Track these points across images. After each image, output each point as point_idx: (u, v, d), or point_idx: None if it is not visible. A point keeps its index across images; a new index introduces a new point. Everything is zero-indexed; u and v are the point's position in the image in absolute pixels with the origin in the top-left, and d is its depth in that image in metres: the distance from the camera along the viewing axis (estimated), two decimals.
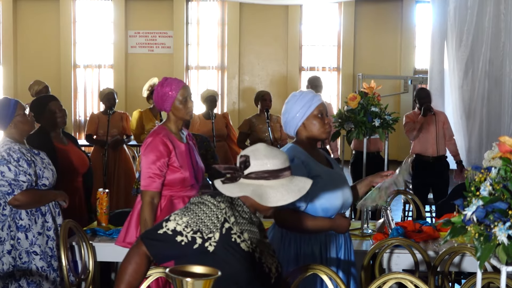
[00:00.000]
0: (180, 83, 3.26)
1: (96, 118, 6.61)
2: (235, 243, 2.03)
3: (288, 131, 2.88)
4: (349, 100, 4.22)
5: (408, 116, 6.17)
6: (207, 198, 2.06)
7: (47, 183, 3.37)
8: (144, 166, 3.15)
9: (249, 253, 2.05)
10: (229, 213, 2.05)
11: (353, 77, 12.02)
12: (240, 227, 2.07)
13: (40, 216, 3.36)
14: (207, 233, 2.01)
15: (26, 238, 3.30)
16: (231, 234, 2.03)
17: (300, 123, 2.81)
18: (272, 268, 2.14)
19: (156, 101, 3.29)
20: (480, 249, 1.96)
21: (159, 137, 3.17)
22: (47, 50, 12.15)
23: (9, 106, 3.37)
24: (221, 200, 2.06)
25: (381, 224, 3.97)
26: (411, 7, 12.18)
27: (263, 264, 2.10)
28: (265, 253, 2.15)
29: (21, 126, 3.37)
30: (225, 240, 2.02)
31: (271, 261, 2.16)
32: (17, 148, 3.29)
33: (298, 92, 2.88)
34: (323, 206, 2.76)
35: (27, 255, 3.30)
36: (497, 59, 6.17)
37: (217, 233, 2.01)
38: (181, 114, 3.25)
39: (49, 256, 3.36)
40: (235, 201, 2.13)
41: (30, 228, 3.32)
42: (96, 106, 12.10)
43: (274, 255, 2.23)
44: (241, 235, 2.06)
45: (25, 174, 3.24)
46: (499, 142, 2.06)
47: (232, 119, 7.09)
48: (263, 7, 11.73)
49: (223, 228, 2.02)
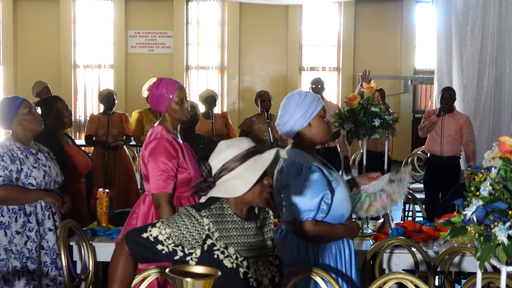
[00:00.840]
0: (175, 84, 3.24)
1: (96, 118, 6.61)
2: (217, 260, 2.01)
3: (288, 132, 2.76)
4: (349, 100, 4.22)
5: (428, 112, 6.20)
6: (191, 212, 2.05)
7: (34, 183, 3.34)
8: (156, 169, 3.07)
9: (233, 269, 2.02)
10: (213, 229, 2.03)
11: (353, 77, 12.02)
12: (226, 241, 2.04)
13: (23, 215, 3.32)
14: (189, 248, 2.01)
15: (5, 235, 3.28)
16: (213, 251, 2.02)
17: (306, 123, 2.70)
18: (263, 280, 2.08)
19: (152, 102, 3.26)
20: (480, 249, 1.96)
21: (164, 138, 3.13)
22: (47, 50, 12.14)
23: (13, 104, 3.37)
24: (205, 214, 2.04)
25: (381, 224, 3.97)
26: (411, 7, 12.17)
27: (250, 278, 2.04)
28: (259, 263, 2.09)
29: (25, 124, 3.37)
30: (206, 257, 2.01)
31: (265, 271, 2.10)
32: (7, 144, 3.30)
33: (299, 91, 2.77)
34: (341, 211, 2.70)
35: (5, 252, 3.29)
36: (498, 59, 6.18)
37: (199, 249, 2.01)
38: (177, 115, 3.23)
39: (25, 257, 3.31)
40: (226, 212, 2.10)
41: (9, 226, 3.29)
42: (96, 106, 12.09)
43: (275, 261, 2.17)
44: (225, 250, 2.03)
45: (4, 169, 3.23)
46: (499, 142, 2.06)
47: (232, 119, 7.10)
48: (263, 7, 11.73)
49: (205, 245, 2.01)
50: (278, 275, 2.16)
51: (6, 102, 3.41)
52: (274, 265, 2.16)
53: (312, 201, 2.57)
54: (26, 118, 3.37)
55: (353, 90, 11.66)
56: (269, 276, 2.11)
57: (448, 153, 6.01)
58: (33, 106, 3.43)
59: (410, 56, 12.27)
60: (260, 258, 2.11)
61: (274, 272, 2.14)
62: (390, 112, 4.20)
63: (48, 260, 3.38)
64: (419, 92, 12.62)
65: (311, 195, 2.57)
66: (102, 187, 4.35)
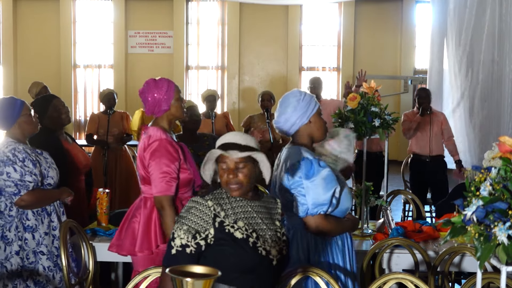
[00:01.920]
0: (171, 82, 3.21)
1: (96, 118, 6.61)
2: (229, 233, 2.21)
3: (288, 129, 2.81)
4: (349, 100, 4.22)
5: (406, 114, 6.19)
6: (196, 199, 2.26)
7: (52, 183, 3.37)
8: (158, 171, 3.05)
9: (243, 239, 2.22)
10: (218, 209, 2.24)
11: (353, 77, 12.02)
12: (234, 217, 2.25)
13: (46, 215, 3.36)
14: (204, 231, 2.20)
15: (33, 238, 3.30)
16: (224, 227, 2.22)
17: (307, 120, 2.79)
18: (272, 250, 2.26)
19: (152, 105, 3.16)
20: (480, 249, 1.96)
21: (164, 139, 3.11)
22: (47, 50, 12.15)
23: (15, 106, 3.36)
24: (208, 198, 2.26)
25: (381, 224, 3.97)
26: (411, 7, 12.18)
27: (258, 247, 2.23)
28: (266, 236, 2.27)
29: (25, 127, 3.37)
30: (219, 234, 2.21)
31: (272, 243, 2.27)
32: (22, 148, 3.28)
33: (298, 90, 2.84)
34: (346, 205, 2.80)
35: (34, 255, 3.30)
36: (497, 59, 6.17)
37: (212, 228, 2.21)
38: (179, 112, 3.21)
39: (55, 256, 3.35)
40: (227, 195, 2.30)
41: (37, 228, 3.31)
42: (96, 106, 12.10)
43: (282, 237, 2.34)
44: (235, 224, 2.24)
45: (31, 174, 3.24)
46: (499, 142, 2.06)
47: (232, 119, 7.10)
48: (263, 7, 11.73)
49: (215, 223, 2.22)
50: (285, 248, 2.34)
51: (7, 104, 3.39)
52: (281, 240, 2.34)
53: (325, 195, 2.66)
54: (27, 121, 3.37)
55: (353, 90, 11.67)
56: (277, 248, 2.29)
57: (437, 151, 6.04)
58: (30, 108, 3.43)
59: (410, 56, 12.28)
60: (267, 232, 2.30)
61: (281, 245, 2.32)
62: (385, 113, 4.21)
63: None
64: None
65: (324, 189, 2.66)
66: (102, 187, 4.35)
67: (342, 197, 2.74)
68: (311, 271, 2.60)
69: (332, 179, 2.67)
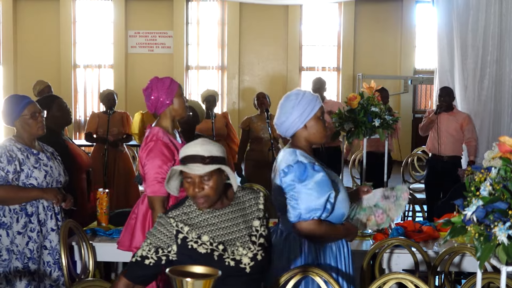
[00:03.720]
0: (174, 80, 3.25)
1: (96, 116, 6.62)
2: (192, 249, 2.20)
3: (284, 132, 2.76)
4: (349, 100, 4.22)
5: (428, 111, 6.20)
6: (161, 215, 2.26)
7: (35, 183, 3.33)
8: (151, 171, 3.08)
9: (207, 254, 2.20)
10: (181, 224, 2.23)
11: (353, 77, 12.03)
12: (198, 232, 2.23)
13: (24, 216, 3.32)
14: (166, 247, 2.20)
15: (7, 235, 3.28)
16: (187, 243, 2.21)
17: (302, 125, 2.70)
18: (243, 258, 2.21)
19: (154, 101, 3.22)
20: (480, 249, 1.96)
21: (160, 140, 3.13)
22: (47, 50, 12.14)
23: (18, 104, 3.37)
24: (172, 215, 2.25)
25: None
26: (411, 7, 12.18)
27: (225, 259, 2.19)
28: (236, 244, 2.23)
29: (26, 127, 3.37)
30: (182, 250, 2.20)
31: (244, 251, 2.22)
32: (6, 145, 3.30)
33: (298, 91, 2.75)
34: (342, 211, 2.72)
35: (7, 252, 3.29)
36: (498, 59, 6.17)
37: (174, 245, 2.20)
38: (181, 109, 3.24)
39: (26, 258, 3.30)
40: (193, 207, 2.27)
41: (11, 226, 3.29)
42: (96, 106, 12.10)
43: (258, 240, 2.27)
44: (199, 240, 2.22)
45: (2, 170, 3.23)
46: (499, 142, 2.06)
47: (232, 119, 7.10)
48: (263, 7, 11.73)
49: (178, 239, 2.21)
50: (261, 252, 2.25)
51: (12, 101, 3.40)
52: (256, 244, 2.26)
53: (318, 200, 2.58)
54: (28, 122, 3.36)
55: (353, 90, 11.67)
56: (249, 255, 2.23)
57: (448, 152, 6.00)
58: (37, 110, 3.41)
59: (410, 56, 12.27)
60: (238, 240, 2.25)
61: (256, 250, 2.24)
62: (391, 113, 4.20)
63: (51, 260, 3.38)
64: (419, 92, 12.62)
65: (317, 194, 2.58)
66: (102, 187, 4.35)
67: (338, 203, 2.67)
68: (311, 271, 2.60)
69: (326, 184, 2.60)
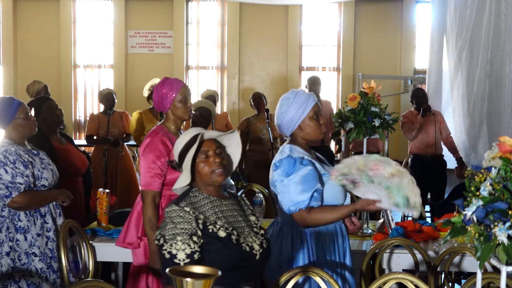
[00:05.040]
0: (180, 83, 3.30)
1: (96, 118, 6.62)
2: (213, 233, 2.24)
3: (283, 132, 2.88)
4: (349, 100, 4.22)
5: (405, 116, 6.18)
6: (172, 208, 2.26)
7: (47, 184, 3.36)
8: (144, 166, 3.14)
9: (227, 237, 2.25)
10: (196, 212, 2.26)
11: (353, 77, 12.02)
12: (212, 218, 2.28)
13: (39, 217, 3.35)
14: (195, 233, 2.22)
15: (25, 239, 3.29)
16: (207, 227, 2.25)
17: (296, 126, 2.80)
18: (254, 245, 2.29)
19: (155, 100, 3.31)
20: (480, 249, 1.96)
21: (157, 136, 3.18)
22: (47, 50, 12.13)
23: (11, 107, 3.36)
24: (184, 204, 2.28)
25: (381, 224, 3.97)
26: (411, 7, 12.17)
27: (242, 244, 2.25)
28: (245, 232, 2.32)
29: (20, 129, 3.37)
30: (205, 234, 2.23)
31: (252, 239, 2.30)
32: (13, 150, 3.28)
33: (291, 94, 2.83)
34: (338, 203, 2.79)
35: (26, 256, 3.29)
36: (497, 59, 6.16)
37: (198, 230, 2.23)
38: (180, 113, 3.27)
39: (48, 258, 3.34)
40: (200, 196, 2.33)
41: (29, 229, 3.30)
42: (96, 106, 12.09)
43: (259, 231, 2.37)
44: (216, 224, 2.26)
45: (22, 175, 3.23)
46: (499, 142, 2.06)
47: (232, 119, 7.10)
48: (263, 7, 11.73)
49: (199, 224, 2.24)
50: (265, 242, 2.36)
51: (3, 104, 3.39)
52: (259, 234, 2.38)
53: (303, 193, 2.67)
54: (22, 123, 3.36)
55: (353, 90, 11.66)
56: (257, 242, 2.33)
57: (433, 151, 6.04)
58: (28, 110, 3.43)
59: (410, 56, 12.27)
60: (246, 228, 2.35)
61: (261, 239, 2.35)
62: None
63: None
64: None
65: (302, 187, 2.67)
66: (102, 187, 4.35)
67: (329, 197, 2.73)
68: (311, 271, 2.60)
69: (311, 178, 2.68)
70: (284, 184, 2.70)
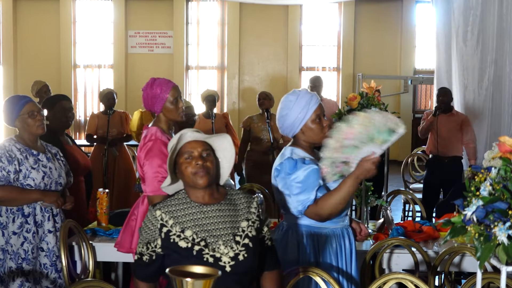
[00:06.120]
0: (169, 83, 3.23)
1: (96, 118, 6.62)
2: (173, 243, 2.19)
3: (285, 134, 2.82)
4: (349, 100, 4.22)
5: (426, 113, 6.18)
6: (149, 209, 2.26)
7: (33, 184, 3.32)
8: (150, 171, 3.08)
9: (187, 248, 2.18)
10: (166, 217, 2.22)
11: (353, 77, 12.02)
12: (182, 226, 2.21)
13: (20, 216, 3.31)
14: (153, 241, 2.22)
15: (2, 235, 3.28)
16: (170, 236, 2.20)
17: (298, 130, 2.72)
18: (223, 257, 2.18)
19: (145, 102, 3.24)
20: (480, 249, 1.96)
21: (159, 139, 3.13)
22: (47, 50, 12.15)
23: (16, 104, 3.37)
24: (158, 207, 2.24)
25: (381, 224, 3.97)
26: (411, 7, 12.18)
27: (204, 255, 2.17)
28: (219, 242, 2.20)
29: (26, 127, 3.37)
30: (165, 243, 2.20)
31: (225, 250, 2.19)
32: (6, 145, 3.30)
33: (292, 96, 2.74)
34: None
35: (2, 252, 3.28)
36: (500, 59, 6.17)
37: (159, 238, 2.21)
38: (172, 115, 3.23)
39: (20, 258, 3.30)
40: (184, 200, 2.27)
41: (7, 226, 3.29)
42: (96, 106, 12.10)
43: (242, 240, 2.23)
44: (182, 234, 2.20)
45: (1, 170, 3.23)
46: (499, 142, 2.06)
47: (232, 119, 7.10)
48: (263, 7, 11.73)
49: (161, 233, 2.21)
50: (244, 253, 2.22)
51: (12, 101, 3.42)
52: (240, 244, 2.23)
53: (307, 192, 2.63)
54: (27, 121, 3.37)
55: (353, 90, 11.67)
56: (230, 254, 2.20)
57: (448, 153, 5.99)
58: (36, 109, 3.41)
59: (410, 56, 12.28)
60: (221, 238, 2.22)
61: (239, 250, 2.22)
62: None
63: (48, 262, 3.37)
64: (419, 92, 12.62)
65: (305, 185, 2.63)
66: (102, 187, 4.35)
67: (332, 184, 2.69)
68: (311, 271, 2.60)
69: (314, 176, 2.63)
70: (287, 185, 2.64)
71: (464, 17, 6.38)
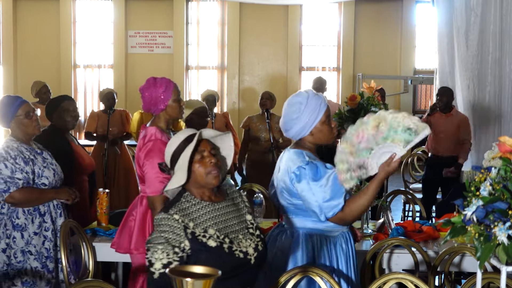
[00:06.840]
0: (171, 82, 3.24)
1: (96, 116, 6.62)
2: (203, 243, 2.16)
3: (292, 137, 2.76)
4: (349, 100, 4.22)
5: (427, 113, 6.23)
6: (161, 216, 2.18)
7: (47, 183, 3.36)
8: (152, 171, 3.07)
9: (217, 247, 2.17)
10: (186, 220, 2.18)
11: (353, 77, 12.02)
12: (203, 226, 2.20)
13: (38, 216, 3.34)
14: (179, 244, 2.13)
15: (22, 237, 3.29)
16: (196, 237, 2.16)
17: (308, 132, 2.69)
18: (248, 250, 2.22)
19: (147, 102, 3.21)
20: (480, 249, 1.96)
21: (159, 140, 3.13)
22: (47, 50, 12.14)
23: (12, 105, 3.37)
24: (174, 211, 2.19)
25: (381, 224, 3.97)
26: (411, 7, 12.18)
27: (234, 251, 2.19)
28: (239, 237, 2.24)
29: (22, 128, 3.37)
30: (194, 244, 2.15)
31: (247, 243, 2.24)
32: (15, 146, 3.30)
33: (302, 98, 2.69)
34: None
35: (22, 254, 3.29)
36: (500, 59, 6.18)
37: (186, 240, 2.14)
38: (175, 113, 3.24)
39: (44, 257, 3.32)
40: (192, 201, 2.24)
41: (26, 228, 3.30)
42: (96, 106, 12.09)
43: (255, 232, 2.31)
44: (206, 233, 2.18)
45: (22, 171, 3.24)
46: (499, 142, 2.06)
47: (232, 119, 7.10)
48: (263, 7, 11.73)
49: (187, 235, 2.15)
50: (261, 243, 2.29)
51: (6, 102, 3.42)
52: (255, 235, 2.30)
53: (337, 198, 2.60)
54: (23, 122, 3.37)
55: (353, 90, 11.67)
56: (252, 245, 2.25)
57: (447, 152, 6.02)
58: (31, 110, 3.42)
59: (410, 56, 12.27)
60: (240, 232, 2.27)
61: (256, 241, 2.29)
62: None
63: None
64: (419, 92, 12.62)
65: (335, 191, 2.59)
66: (102, 187, 4.35)
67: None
68: (311, 271, 2.60)
69: (340, 183, 2.58)
70: (313, 191, 2.58)
71: (465, 17, 6.39)
